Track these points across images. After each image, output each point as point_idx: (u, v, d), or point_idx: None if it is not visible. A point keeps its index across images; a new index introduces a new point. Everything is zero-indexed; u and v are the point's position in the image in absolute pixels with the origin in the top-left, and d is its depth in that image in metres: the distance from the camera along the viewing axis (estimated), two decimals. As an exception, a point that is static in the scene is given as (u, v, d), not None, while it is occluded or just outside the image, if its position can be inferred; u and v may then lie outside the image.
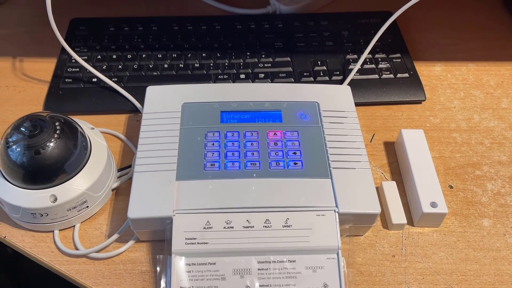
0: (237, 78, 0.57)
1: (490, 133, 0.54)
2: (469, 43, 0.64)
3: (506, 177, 0.50)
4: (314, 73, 0.58)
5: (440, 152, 0.52)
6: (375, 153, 0.52)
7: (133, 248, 0.44)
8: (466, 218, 0.46)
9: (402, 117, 0.56)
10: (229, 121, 0.47)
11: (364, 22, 0.64)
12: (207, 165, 0.43)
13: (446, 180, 0.49)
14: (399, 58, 0.60)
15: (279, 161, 0.44)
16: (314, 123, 0.47)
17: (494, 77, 0.60)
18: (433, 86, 0.59)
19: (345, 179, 0.43)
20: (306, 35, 0.63)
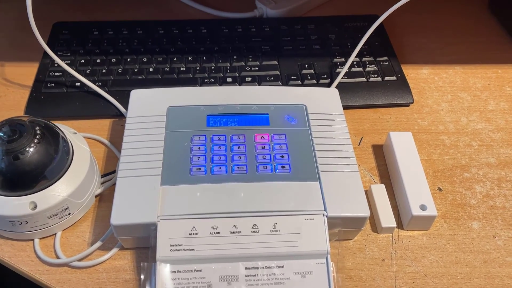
0: (224, 82, 0.56)
1: (477, 135, 0.54)
2: (456, 47, 0.65)
3: (494, 179, 0.49)
4: (301, 77, 0.57)
5: (429, 154, 0.52)
6: (363, 156, 0.51)
7: (116, 256, 0.42)
8: (456, 220, 0.46)
9: (390, 120, 0.55)
10: (216, 124, 0.46)
11: (351, 26, 0.64)
12: (193, 170, 0.42)
13: (435, 182, 0.49)
14: (387, 61, 0.60)
15: (267, 164, 0.43)
16: (302, 126, 0.47)
17: (481, 79, 0.60)
18: (420, 89, 0.59)
19: (333, 183, 0.42)
20: (293, 39, 0.62)
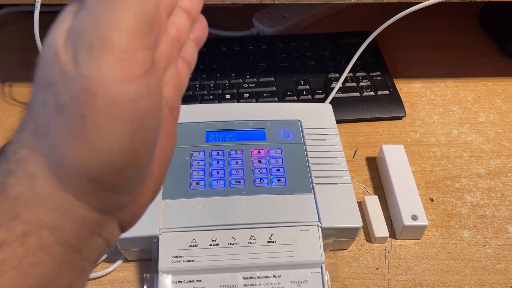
0: (223, 99, 0.59)
1: (468, 147, 0.55)
2: (447, 60, 0.67)
3: (484, 189, 0.51)
4: (297, 92, 0.60)
5: (421, 166, 0.53)
6: (357, 168, 0.53)
7: (121, 267, 0.44)
8: (447, 229, 0.48)
9: (383, 133, 0.57)
10: (214, 140, 0.48)
11: (345, 42, 0.67)
12: (193, 184, 0.44)
13: (427, 193, 0.51)
14: (379, 76, 0.62)
15: (263, 178, 0.45)
16: (297, 140, 0.49)
17: (471, 92, 0.62)
18: (413, 102, 0.61)
19: (327, 194, 0.44)
20: (289, 56, 0.64)
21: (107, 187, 0.19)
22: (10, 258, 0.17)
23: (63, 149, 0.18)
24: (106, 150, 0.18)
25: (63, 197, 0.18)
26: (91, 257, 0.21)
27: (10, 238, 0.17)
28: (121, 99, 0.17)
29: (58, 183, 0.18)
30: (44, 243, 0.18)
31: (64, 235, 0.19)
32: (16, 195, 0.18)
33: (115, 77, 0.17)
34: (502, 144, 0.56)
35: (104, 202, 0.20)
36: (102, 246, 0.21)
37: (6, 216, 0.17)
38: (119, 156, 0.18)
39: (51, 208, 0.18)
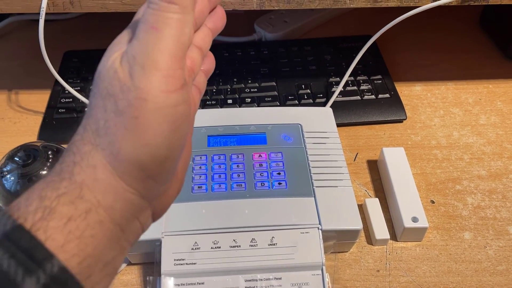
0: (225, 103, 0.59)
1: (469, 149, 0.56)
2: (448, 63, 0.67)
3: (485, 191, 0.51)
4: (298, 96, 0.60)
5: (422, 168, 0.54)
6: (358, 171, 0.54)
7: (124, 271, 0.45)
8: (448, 231, 0.48)
9: (384, 136, 0.58)
10: (216, 144, 0.49)
11: (346, 46, 0.67)
12: (195, 188, 0.45)
13: (427, 195, 0.51)
14: (380, 79, 0.62)
15: (264, 181, 0.46)
16: (298, 144, 0.49)
17: (472, 94, 0.63)
18: (414, 105, 0.61)
19: (327, 197, 0.45)
20: (291, 60, 0.65)
21: (151, 175, 0.24)
22: (75, 230, 0.22)
23: (120, 143, 0.23)
24: (153, 144, 0.23)
25: (117, 183, 0.24)
26: (130, 238, 0.25)
27: (76, 214, 0.22)
28: (165, 104, 0.23)
29: (113, 172, 0.23)
30: (100, 220, 0.23)
31: (114, 214, 0.24)
32: (81, 181, 0.23)
33: (161, 88, 0.23)
34: (503, 146, 0.56)
35: (146, 189, 0.25)
36: (139, 230, 0.26)
37: (73, 197, 0.22)
38: (162, 150, 0.24)
39: (107, 191, 0.23)
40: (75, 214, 0.22)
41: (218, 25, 0.30)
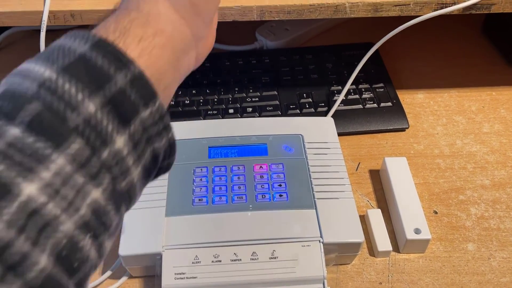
0: (226, 113, 0.59)
1: (472, 158, 0.55)
2: (450, 70, 0.67)
3: (489, 201, 0.51)
4: (300, 106, 0.60)
5: (425, 178, 0.53)
6: (361, 181, 0.53)
7: (125, 284, 0.45)
8: (451, 243, 0.47)
9: (387, 145, 0.57)
10: (217, 156, 0.49)
11: (348, 54, 0.67)
12: (195, 200, 0.45)
13: (430, 205, 0.51)
14: (382, 87, 0.62)
15: (265, 193, 0.45)
16: (299, 155, 0.49)
17: (475, 102, 0.62)
18: (416, 113, 0.61)
19: (329, 209, 0.44)
20: (292, 69, 0.65)
21: (199, 12, 0.30)
22: (146, 48, 0.26)
23: None
24: None
25: (175, 16, 0.29)
26: (182, 70, 0.30)
27: (145, 35, 0.26)
28: None
29: (172, 6, 0.29)
30: (164, 44, 0.27)
31: (174, 42, 0.28)
32: (147, 12, 0.27)
33: None
34: (507, 155, 0.55)
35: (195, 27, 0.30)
36: (188, 65, 0.31)
37: (142, 22, 0.27)
38: None
39: (168, 22, 0.28)
40: (145, 36, 0.26)
41: None
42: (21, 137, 0.21)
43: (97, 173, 0.22)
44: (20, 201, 0.20)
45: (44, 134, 0.21)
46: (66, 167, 0.21)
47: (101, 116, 0.23)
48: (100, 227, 0.23)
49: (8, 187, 0.20)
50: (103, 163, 0.23)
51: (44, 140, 0.21)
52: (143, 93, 0.24)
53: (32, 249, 0.20)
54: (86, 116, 0.22)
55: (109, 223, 0.24)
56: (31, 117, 0.21)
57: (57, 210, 0.21)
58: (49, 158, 0.21)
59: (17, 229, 0.19)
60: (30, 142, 0.21)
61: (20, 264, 0.19)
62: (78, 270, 0.22)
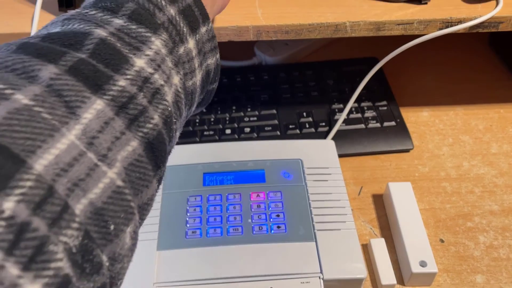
0: (223, 134, 0.57)
1: (480, 181, 0.53)
2: (456, 86, 0.64)
3: (498, 228, 0.48)
4: (300, 125, 0.58)
5: (430, 203, 0.51)
6: (363, 207, 0.51)
7: (116, 320, 0.42)
8: (459, 274, 0.45)
9: (391, 167, 0.55)
10: (212, 183, 0.47)
11: (349, 70, 0.65)
12: (189, 233, 0.43)
13: (436, 233, 0.48)
14: (385, 105, 0.60)
15: (262, 225, 0.43)
16: (298, 181, 0.47)
17: (483, 120, 0.60)
18: (421, 132, 0.59)
19: (329, 242, 0.42)
20: (292, 86, 0.63)
21: None
22: None
23: None
24: None
25: None
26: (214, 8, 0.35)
27: None
28: None
29: None
30: None
31: None
32: None
33: None
34: (516, 178, 0.53)
35: None
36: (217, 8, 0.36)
37: None
38: None
39: None
40: None
41: None
42: (126, 25, 0.26)
43: (177, 63, 0.27)
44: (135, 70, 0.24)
45: (142, 23, 0.26)
46: (162, 49, 0.26)
47: (179, 19, 0.28)
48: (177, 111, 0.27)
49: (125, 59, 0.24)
50: (180, 57, 0.28)
51: (143, 27, 0.26)
52: (202, 12, 0.30)
53: (148, 106, 0.24)
54: (169, 16, 0.28)
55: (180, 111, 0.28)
56: (131, 12, 0.26)
57: (161, 81, 0.26)
58: (150, 39, 0.26)
59: (137, 87, 0.24)
60: (133, 28, 0.26)
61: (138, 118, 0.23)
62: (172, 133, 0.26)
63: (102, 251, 0.21)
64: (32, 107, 0.20)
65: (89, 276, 0.20)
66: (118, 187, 0.22)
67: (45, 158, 0.19)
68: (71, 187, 0.20)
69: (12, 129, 0.19)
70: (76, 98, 0.22)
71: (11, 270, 0.17)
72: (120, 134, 0.22)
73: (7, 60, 0.22)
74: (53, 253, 0.18)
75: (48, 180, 0.19)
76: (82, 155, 0.21)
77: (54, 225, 0.19)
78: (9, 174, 0.18)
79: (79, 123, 0.21)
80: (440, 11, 0.46)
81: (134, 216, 0.23)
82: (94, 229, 0.20)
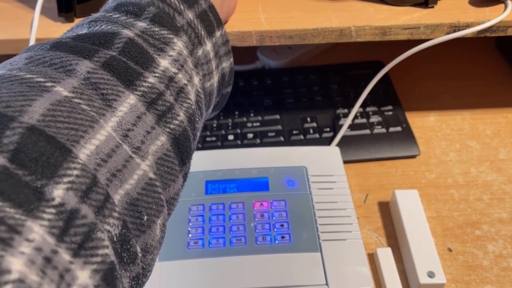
0: (226, 140, 0.56)
1: (488, 188, 0.52)
2: (463, 90, 0.63)
3: (507, 237, 0.47)
4: (303, 131, 0.57)
5: (437, 211, 0.50)
6: (369, 215, 0.50)
7: (117, 332, 0.42)
8: (467, 285, 0.44)
9: (397, 173, 0.54)
10: (214, 192, 0.46)
11: (354, 74, 0.64)
12: (191, 244, 0.42)
13: (444, 242, 0.47)
14: (391, 110, 0.58)
15: (266, 235, 0.42)
16: (302, 189, 0.46)
17: (490, 125, 0.58)
18: (427, 138, 0.57)
19: (335, 252, 0.41)
20: (295, 91, 0.62)
21: None
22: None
23: None
24: None
25: None
26: (222, 16, 0.34)
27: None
28: None
29: None
30: None
31: None
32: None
33: None
34: (525, 184, 0.52)
35: None
36: (225, 12, 0.37)
37: None
38: None
39: None
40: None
41: None
42: (149, 27, 0.27)
43: (196, 64, 0.28)
44: (160, 70, 0.25)
45: (164, 26, 0.27)
46: (184, 50, 0.27)
47: (197, 23, 0.30)
48: (199, 111, 0.28)
49: (151, 60, 0.25)
50: (199, 58, 0.29)
51: (166, 30, 0.27)
52: (216, 17, 0.31)
53: (175, 103, 0.25)
54: (188, 20, 0.29)
55: (201, 111, 0.28)
56: (153, 15, 0.27)
57: (184, 80, 0.26)
58: (172, 41, 0.27)
59: (164, 85, 0.25)
60: (156, 30, 0.27)
61: (166, 114, 0.24)
62: (195, 131, 0.27)
63: (136, 242, 0.22)
64: (72, 99, 0.21)
65: (126, 266, 0.21)
66: (150, 179, 0.23)
67: (87, 148, 0.20)
68: (109, 178, 0.20)
69: (57, 119, 0.20)
70: (112, 91, 0.22)
71: (63, 255, 0.17)
72: (151, 128, 0.23)
73: (44, 56, 0.23)
74: (101, 240, 0.19)
75: (92, 170, 0.20)
76: (119, 146, 0.21)
77: (99, 213, 0.19)
78: (58, 163, 0.18)
79: (115, 116, 0.22)
80: (447, 15, 0.45)
81: (164, 208, 0.24)
82: (130, 219, 0.21)
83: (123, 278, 0.20)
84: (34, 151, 0.18)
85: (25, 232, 0.16)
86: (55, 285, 0.16)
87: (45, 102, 0.20)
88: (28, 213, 0.17)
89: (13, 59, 0.24)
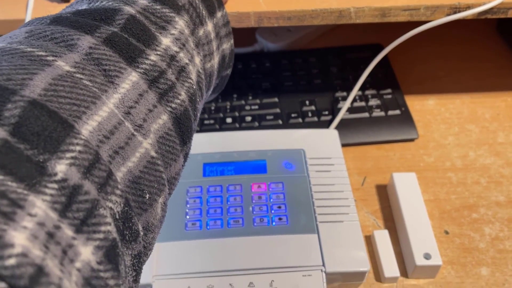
0: (224, 123, 0.56)
1: (486, 171, 0.52)
2: (463, 73, 0.63)
3: (504, 220, 0.47)
4: (302, 114, 0.56)
5: (435, 194, 0.50)
6: (367, 197, 0.50)
7: (115, 312, 0.42)
8: (464, 267, 0.44)
9: (395, 157, 0.54)
10: (212, 174, 0.46)
11: (353, 57, 0.63)
12: (188, 225, 0.42)
13: (441, 225, 0.47)
14: (390, 93, 0.58)
15: (263, 216, 0.42)
16: (300, 172, 0.46)
17: (489, 109, 0.58)
18: (426, 121, 0.57)
19: (332, 234, 0.41)
20: (294, 73, 0.61)
21: None
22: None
23: None
24: None
25: None
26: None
27: None
28: None
29: None
30: None
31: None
32: None
33: None
34: (523, 168, 0.52)
35: None
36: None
37: None
38: None
39: None
40: None
41: None
42: (151, 5, 0.26)
43: (197, 44, 0.28)
44: (162, 48, 0.25)
45: (166, 4, 0.27)
46: (185, 29, 0.27)
47: (198, 2, 0.29)
48: (199, 91, 0.28)
49: (153, 37, 0.25)
50: (200, 38, 0.29)
51: (167, 8, 0.27)
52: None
53: (176, 82, 0.25)
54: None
55: (202, 92, 0.28)
56: None
57: (186, 60, 0.26)
58: (174, 19, 0.27)
59: (166, 63, 0.25)
60: (158, 8, 0.26)
61: (167, 93, 0.24)
62: (196, 112, 0.27)
63: (138, 220, 0.22)
64: (73, 74, 0.21)
65: (128, 244, 0.20)
66: (152, 157, 0.22)
67: (90, 124, 0.20)
68: (112, 155, 0.20)
69: (59, 94, 0.19)
70: (114, 67, 0.22)
71: (66, 231, 0.17)
72: (152, 107, 0.23)
73: (45, 30, 0.22)
74: (103, 216, 0.19)
75: (94, 146, 0.19)
76: (121, 123, 0.21)
77: (102, 190, 0.19)
78: (60, 138, 0.18)
79: (117, 92, 0.22)
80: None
81: (165, 187, 0.24)
82: (132, 197, 0.21)
83: (125, 255, 0.20)
84: (36, 125, 0.18)
85: (27, 206, 0.16)
86: (58, 261, 0.16)
87: (47, 76, 0.19)
88: (31, 188, 0.16)
89: (13, 32, 0.23)
